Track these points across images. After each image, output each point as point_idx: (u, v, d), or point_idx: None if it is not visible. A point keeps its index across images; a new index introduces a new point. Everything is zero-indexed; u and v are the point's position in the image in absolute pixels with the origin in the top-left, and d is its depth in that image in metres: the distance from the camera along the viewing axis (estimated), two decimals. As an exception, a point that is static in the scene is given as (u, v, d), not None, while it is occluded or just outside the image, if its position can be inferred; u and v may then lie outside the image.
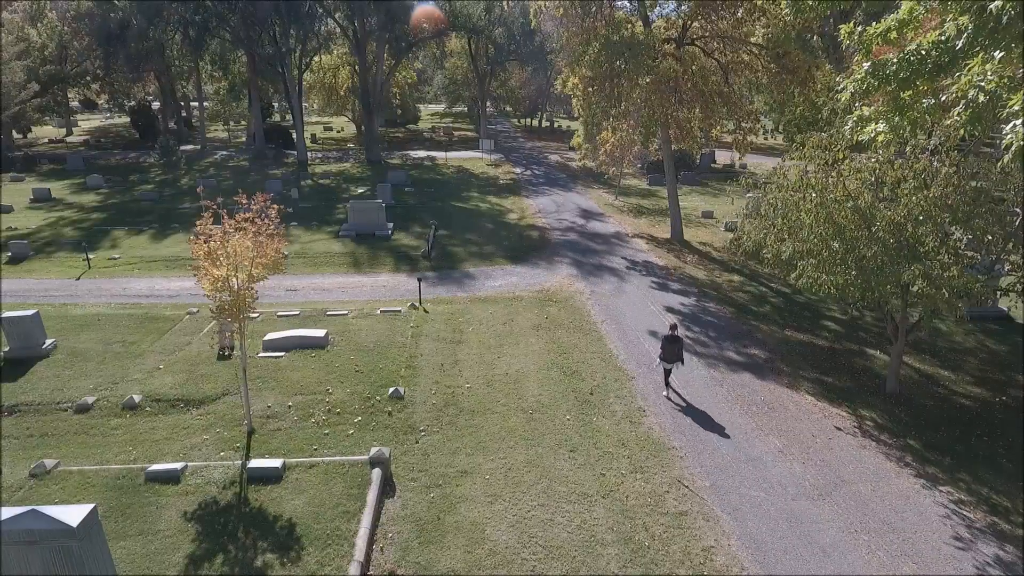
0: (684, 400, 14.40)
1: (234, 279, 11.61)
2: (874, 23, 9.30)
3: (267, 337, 16.44)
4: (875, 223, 11.62)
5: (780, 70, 25.08)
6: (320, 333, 16.67)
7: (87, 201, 36.23)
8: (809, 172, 12.84)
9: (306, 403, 13.80)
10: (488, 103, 73.53)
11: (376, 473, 11.00)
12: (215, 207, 11.68)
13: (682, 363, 14.44)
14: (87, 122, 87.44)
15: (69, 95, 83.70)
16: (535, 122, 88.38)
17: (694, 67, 25.61)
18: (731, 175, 50.72)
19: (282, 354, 15.99)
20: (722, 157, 53.65)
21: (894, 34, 9.11)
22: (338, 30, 53.57)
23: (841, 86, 8.90)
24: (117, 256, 25.31)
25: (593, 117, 26.95)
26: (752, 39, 25.84)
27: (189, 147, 59.12)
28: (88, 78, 63.58)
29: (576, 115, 31.86)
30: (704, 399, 14.44)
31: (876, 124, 8.64)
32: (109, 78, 61.17)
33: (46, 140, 66.03)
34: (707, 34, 26.90)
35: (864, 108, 9.19)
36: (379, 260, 25.32)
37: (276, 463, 11.13)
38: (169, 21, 50.54)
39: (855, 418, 13.73)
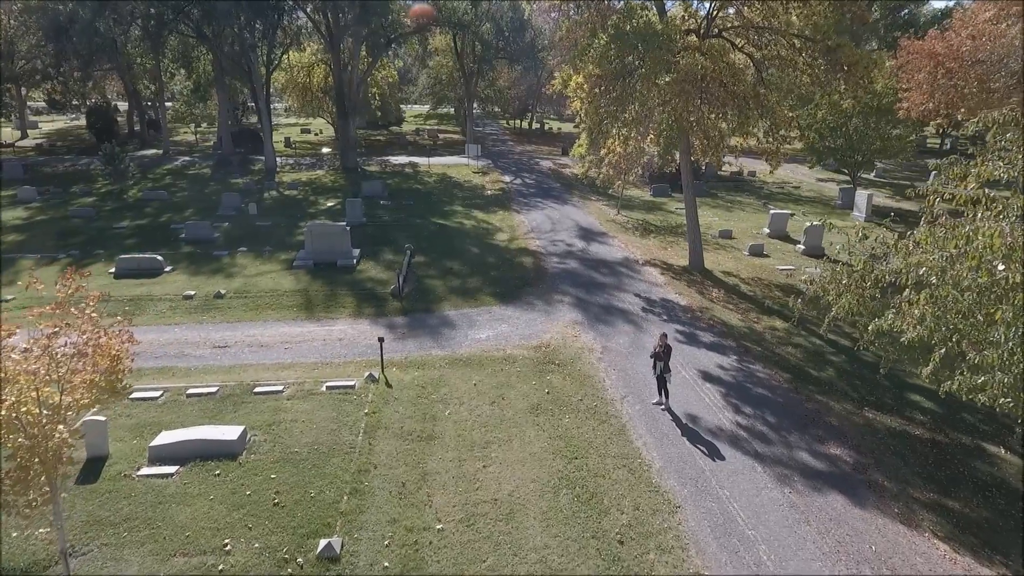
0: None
1: (31, 414, 6.86)
2: None
3: (156, 442, 11.61)
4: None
5: (829, 67, 20.50)
6: (233, 434, 11.84)
7: (9, 219, 31.07)
8: (982, 226, 7.95)
9: (187, 573, 9.03)
10: (475, 104, 68.62)
11: None
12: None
13: (669, 372, 14.05)
14: (50, 124, 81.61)
15: (32, 95, 78.36)
16: (525, 124, 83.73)
17: (723, 63, 20.94)
18: (741, 183, 46.27)
19: (174, 470, 11.17)
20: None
21: None
22: (310, 24, 48.53)
23: None
24: (10, 297, 20.31)
25: (600, 124, 22.17)
26: (793, 30, 21.24)
27: (152, 152, 53.91)
28: (38, 76, 58.32)
29: (577, 121, 27.09)
30: (787, 548, 9.79)
31: None
32: (62, 76, 55.98)
33: (-6, 144, 60.40)
34: (737, 24, 22.31)
35: None
36: (337, 301, 20.46)
37: None
38: (119, 14, 45.33)
39: (1023, 590, 9.19)
